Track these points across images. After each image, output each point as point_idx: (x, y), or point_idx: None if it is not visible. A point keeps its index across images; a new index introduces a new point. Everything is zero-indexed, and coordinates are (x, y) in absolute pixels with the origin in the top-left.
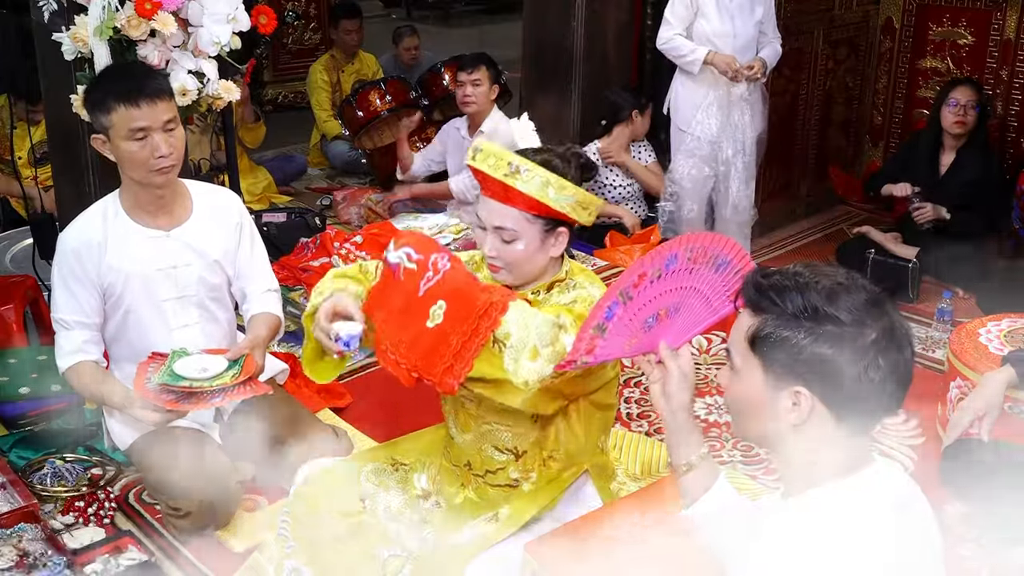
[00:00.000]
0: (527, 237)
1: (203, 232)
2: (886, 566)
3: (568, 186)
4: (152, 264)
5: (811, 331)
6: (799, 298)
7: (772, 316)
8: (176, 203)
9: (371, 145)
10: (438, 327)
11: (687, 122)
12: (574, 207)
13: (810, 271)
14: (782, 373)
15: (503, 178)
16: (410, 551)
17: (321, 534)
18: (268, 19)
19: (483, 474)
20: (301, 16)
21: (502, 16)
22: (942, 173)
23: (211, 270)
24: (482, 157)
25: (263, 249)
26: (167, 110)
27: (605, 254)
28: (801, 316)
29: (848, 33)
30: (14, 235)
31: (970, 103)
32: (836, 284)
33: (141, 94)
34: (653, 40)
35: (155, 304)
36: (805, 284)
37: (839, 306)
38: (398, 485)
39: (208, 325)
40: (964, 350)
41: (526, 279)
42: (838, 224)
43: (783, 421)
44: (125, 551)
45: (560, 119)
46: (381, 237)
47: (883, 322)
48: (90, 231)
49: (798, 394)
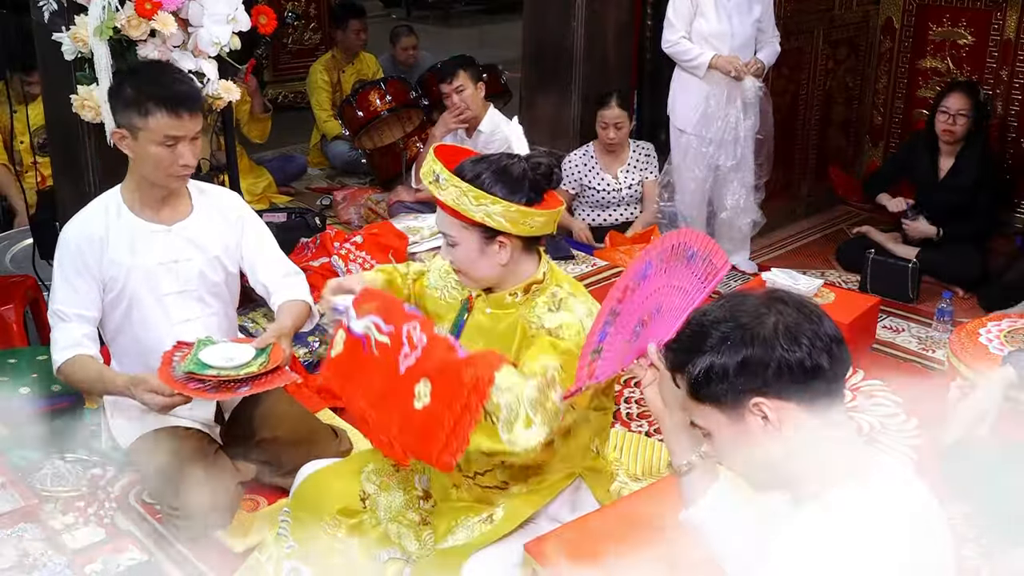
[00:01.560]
0: (465, 244)
1: (204, 227)
2: (911, 565)
3: (487, 197)
4: (154, 258)
5: (716, 346)
6: (694, 334)
7: (689, 363)
8: (178, 199)
9: (371, 145)
10: (427, 408)
11: (686, 123)
12: (500, 219)
13: (699, 313)
14: (733, 399)
15: (430, 186)
16: (409, 553)
17: (321, 535)
18: (268, 19)
19: (472, 475)
20: (301, 16)
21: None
22: (941, 176)
23: (211, 265)
24: (425, 167)
25: (271, 239)
26: (199, 122)
27: (605, 254)
28: (704, 346)
29: (848, 33)
30: (14, 235)
31: (960, 111)
32: (711, 306)
33: (184, 106)
34: (653, 40)
35: (157, 298)
36: (690, 322)
37: (716, 314)
38: (398, 486)
39: (209, 319)
40: (964, 350)
41: (491, 283)
42: (838, 224)
43: (766, 439)
44: (125, 551)
45: (560, 119)
46: (381, 237)
47: (777, 303)
48: (92, 225)
49: (758, 406)
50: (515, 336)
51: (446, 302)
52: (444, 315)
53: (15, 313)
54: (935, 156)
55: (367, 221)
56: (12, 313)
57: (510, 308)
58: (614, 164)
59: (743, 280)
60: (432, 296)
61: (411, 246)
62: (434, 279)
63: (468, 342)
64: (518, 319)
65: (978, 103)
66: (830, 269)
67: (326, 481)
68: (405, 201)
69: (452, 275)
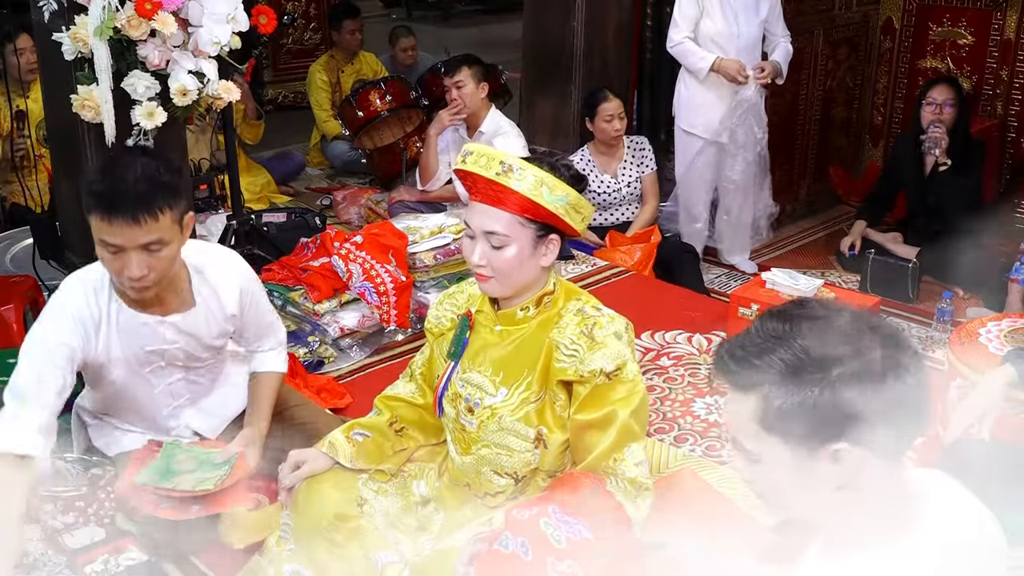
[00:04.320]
0: (519, 243)
1: (200, 321)
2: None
3: (561, 186)
4: (141, 346)
5: (820, 381)
6: (787, 351)
7: (770, 385)
8: (169, 293)
9: (371, 145)
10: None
11: (691, 123)
12: (567, 209)
13: (774, 319)
14: (811, 440)
15: (495, 177)
16: (407, 558)
17: (319, 538)
18: (268, 19)
19: (483, 496)
20: (298, 17)
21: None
22: (928, 172)
23: (203, 349)
24: (473, 159)
25: (267, 306)
26: (150, 232)
27: (605, 254)
28: (801, 370)
29: (848, 33)
30: (14, 235)
31: (947, 101)
32: (811, 319)
33: (117, 212)
34: (653, 40)
35: (139, 375)
36: (781, 335)
37: (831, 339)
38: (397, 491)
39: (192, 372)
40: (964, 350)
41: (515, 290)
42: (838, 224)
43: (827, 485)
44: (125, 551)
45: (560, 119)
46: (381, 237)
47: (878, 332)
48: (88, 306)
49: (838, 452)
50: (539, 358)
51: (447, 329)
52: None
53: (15, 313)
54: (920, 156)
55: (367, 221)
56: (12, 313)
57: (522, 324)
58: (611, 163)
59: (743, 280)
60: (439, 338)
61: (411, 246)
62: (433, 319)
63: (475, 364)
64: (543, 339)
65: (961, 95)
66: (830, 269)
67: (323, 486)
68: (405, 201)
69: (448, 298)
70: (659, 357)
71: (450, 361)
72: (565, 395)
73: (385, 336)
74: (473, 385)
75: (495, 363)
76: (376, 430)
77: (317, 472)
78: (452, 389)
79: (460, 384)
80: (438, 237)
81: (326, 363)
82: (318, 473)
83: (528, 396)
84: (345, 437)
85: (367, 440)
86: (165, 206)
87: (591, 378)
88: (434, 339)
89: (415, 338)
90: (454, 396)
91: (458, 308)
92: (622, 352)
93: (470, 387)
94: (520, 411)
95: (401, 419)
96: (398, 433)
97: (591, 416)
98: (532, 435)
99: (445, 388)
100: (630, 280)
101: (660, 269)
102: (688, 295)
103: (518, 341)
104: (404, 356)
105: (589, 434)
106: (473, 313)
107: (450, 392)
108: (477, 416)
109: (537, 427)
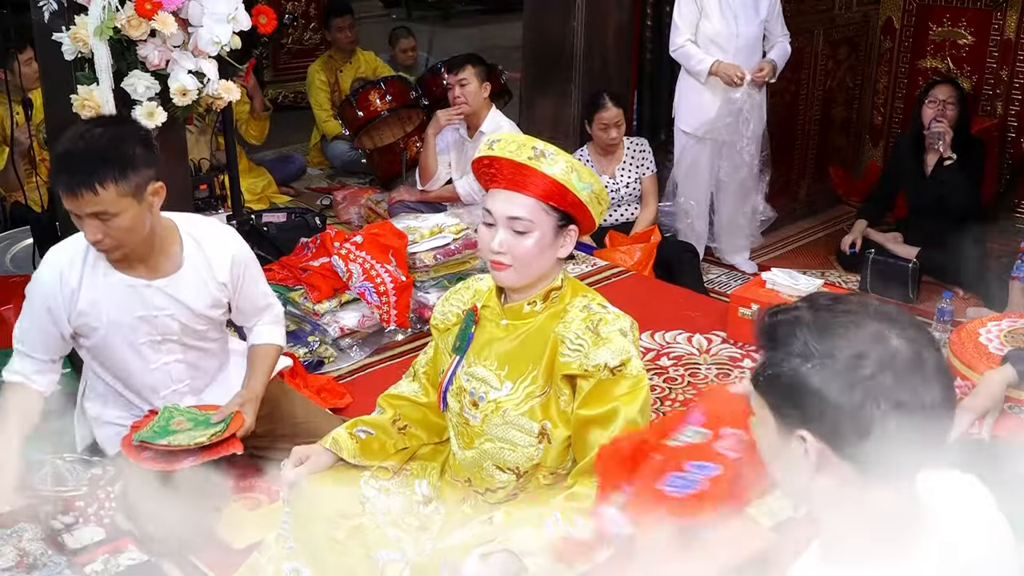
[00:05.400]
0: (541, 229)
1: (190, 286)
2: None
3: (589, 174)
4: (129, 311)
5: (800, 367)
6: (794, 333)
7: (773, 354)
8: (160, 255)
9: (371, 145)
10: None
11: (690, 124)
12: (592, 197)
13: (813, 302)
14: (786, 415)
15: (527, 161)
16: (409, 557)
17: (320, 536)
18: (268, 19)
19: (483, 492)
20: (297, 17)
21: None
22: (928, 172)
23: (196, 319)
24: (502, 145)
25: (260, 278)
26: (93, 204)
27: (605, 254)
28: (796, 353)
29: (848, 33)
30: (14, 235)
31: (948, 99)
32: (837, 315)
33: (60, 184)
34: (653, 40)
35: (133, 347)
36: (798, 319)
37: (830, 339)
38: (398, 490)
39: (191, 354)
40: (964, 350)
41: (529, 280)
42: (838, 224)
43: (801, 471)
44: (125, 551)
45: (560, 119)
46: (381, 237)
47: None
48: (67, 271)
49: (802, 439)
50: (544, 352)
51: (453, 324)
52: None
53: (15, 313)
54: (921, 155)
55: (367, 221)
56: (12, 313)
57: (528, 318)
58: (611, 164)
59: (743, 280)
60: (444, 333)
61: (411, 246)
62: (439, 315)
63: (480, 359)
64: (548, 333)
65: (962, 95)
66: (830, 269)
67: (325, 484)
68: (405, 201)
69: (454, 294)
70: (659, 357)
71: (455, 355)
72: (569, 390)
73: (385, 336)
74: (478, 379)
75: (500, 357)
76: (379, 428)
77: (320, 468)
78: (457, 383)
79: (465, 378)
80: (438, 237)
81: (326, 363)
82: (321, 469)
83: (533, 390)
84: (348, 434)
85: (370, 437)
86: (108, 180)
87: (595, 372)
88: (439, 335)
89: (415, 338)
90: (458, 390)
91: (464, 304)
92: (626, 348)
93: (475, 381)
94: (524, 405)
95: (404, 417)
96: (401, 431)
97: (594, 412)
98: (536, 430)
99: (450, 382)
100: (630, 280)
101: (660, 269)
102: (688, 295)
103: (524, 335)
104: (404, 356)
105: (591, 430)
106: (479, 308)
107: (454, 386)
108: (481, 410)
109: (541, 421)
